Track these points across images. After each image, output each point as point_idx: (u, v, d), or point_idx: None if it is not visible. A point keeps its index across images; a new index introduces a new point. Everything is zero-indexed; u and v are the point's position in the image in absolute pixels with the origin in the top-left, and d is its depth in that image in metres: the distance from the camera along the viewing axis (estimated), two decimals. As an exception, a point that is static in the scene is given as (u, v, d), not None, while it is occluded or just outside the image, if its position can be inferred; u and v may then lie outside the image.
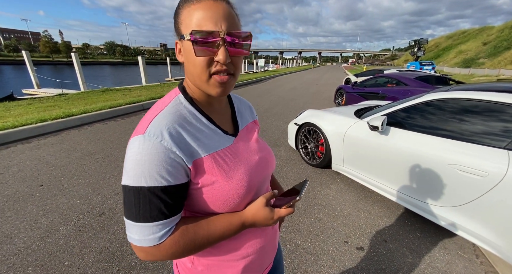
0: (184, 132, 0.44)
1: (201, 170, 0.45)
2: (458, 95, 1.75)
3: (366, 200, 2.26)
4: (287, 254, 1.60)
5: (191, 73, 0.46)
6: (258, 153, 0.58)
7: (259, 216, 0.49)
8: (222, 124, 0.54)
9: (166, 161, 0.41)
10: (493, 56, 28.30)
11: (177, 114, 0.46)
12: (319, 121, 2.79)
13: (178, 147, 0.42)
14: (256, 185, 0.53)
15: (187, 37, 0.41)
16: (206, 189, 0.46)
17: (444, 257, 1.60)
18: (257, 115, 0.70)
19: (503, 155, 1.41)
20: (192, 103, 0.49)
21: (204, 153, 0.46)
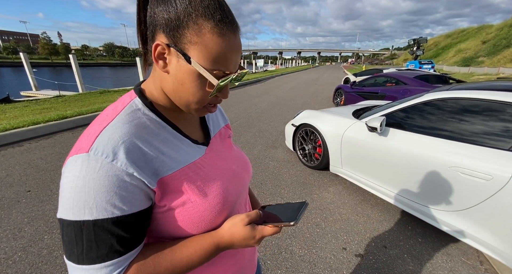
0: (144, 146, 0.37)
1: (169, 190, 0.38)
2: (459, 95, 1.68)
3: (365, 203, 2.19)
4: (282, 262, 1.53)
5: (177, 94, 0.40)
6: (233, 162, 0.51)
7: (237, 235, 0.41)
8: (191, 132, 0.47)
9: (120, 185, 0.33)
10: (492, 55, 28.26)
11: (133, 123, 0.37)
12: (316, 122, 2.72)
13: (136, 166, 0.34)
14: (233, 199, 0.46)
15: (196, 65, 0.36)
16: (176, 211, 0.39)
17: (447, 264, 1.52)
18: (228, 118, 0.63)
19: (507, 157, 1.34)
20: (152, 109, 0.41)
21: (172, 169, 0.39)
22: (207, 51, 0.36)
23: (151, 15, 0.36)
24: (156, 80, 0.41)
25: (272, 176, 2.71)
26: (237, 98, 8.32)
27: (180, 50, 0.36)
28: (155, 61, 0.38)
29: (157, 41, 0.36)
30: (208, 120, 0.54)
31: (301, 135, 3.01)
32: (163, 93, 0.42)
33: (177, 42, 0.36)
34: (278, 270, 1.47)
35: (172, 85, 0.39)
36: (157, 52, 0.36)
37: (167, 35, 0.36)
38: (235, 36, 0.37)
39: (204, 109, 0.42)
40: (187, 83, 0.38)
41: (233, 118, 5.42)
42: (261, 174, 2.76)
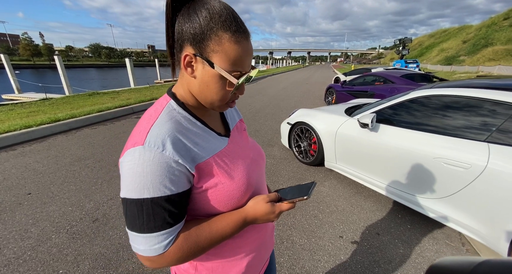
0: (184, 139, 0.45)
1: (204, 174, 0.47)
2: (441, 92, 1.85)
3: (359, 195, 2.33)
4: (284, 251, 1.64)
5: (203, 94, 0.48)
6: (251, 151, 0.61)
7: (260, 211, 0.51)
8: (215, 127, 0.56)
9: (169, 170, 0.41)
10: (472, 54, 29.61)
11: (173, 121, 0.46)
12: (311, 120, 2.84)
13: (180, 155, 0.43)
14: (254, 181, 0.55)
15: (219, 69, 0.44)
16: (210, 191, 0.48)
17: (433, 247, 1.68)
18: (241, 114, 0.73)
19: (483, 147, 1.49)
20: (184, 109, 0.49)
21: (205, 156, 0.47)
22: (226, 57, 0.44)
23: (179, 31, 0.44)
24: (184, 85, 0.49)
25: (270, 173, 2.81)
26: (230, 99, 8.36)
27: (205, 58, 0.44)
28: (184, 69, 0.46)
29: (185, 52, 0.44)
30: (226, 116, 0.63)
31: (297, 133, 3.12)
32: (191, 95, 0.50)
33: (202, 52, 0.44)
34: (281, 258, 1.58)
35: (199, 87, 0.47)
36: (186, 61, 0.45)
37: (193, 47, 0.44)
38: (248, 41, 0.45)
39: (225, 105, 0.51)
40: (211, 85, 0.46)
41: (228, 118, 5.48)
42: (259, 171, 2.85)
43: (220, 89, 0.47)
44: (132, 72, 11.10)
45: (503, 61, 23.24)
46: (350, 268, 1.50)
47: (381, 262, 1.54)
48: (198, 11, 0.43)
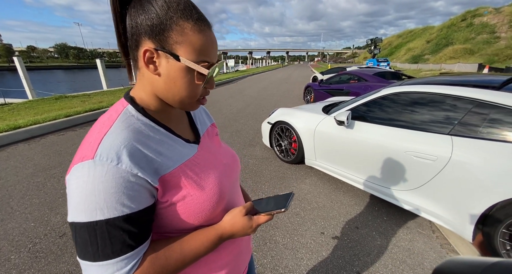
0: (144, 149, 0.40)
1: (170, 186, 0.42)
2: (409, 89, 1.95)
3: (338, 191, 2.39)
4: (267, 252, 1.62)
5: (171, 92, 0.43)
6: (224, 157, 0.57)
7: (237, 226, 0.48)
8: (182, 133, 0.51)
9: (127, 186, 0.36)
10: (435, 53, 32.13)
11: (130, 129, 0.40)
12: (290, 119, 2.87)
13: (139, 167, 0.38)
14: (228, 190, 0.52)
15: (186, 61, 0.41)
16: (178, 205, 0.43)
17: (407, 236, 1.77)
18: (213, 118, 0.69)
19: (447, 140, 1.60)
20: (145, 114, 0.44)
21: (170, 167, 0.42)
22: (192, 47, 0.40)
23: (133, 25, 0.39)
24: (146, 86, 0.44)
25: (252, 173, 2.79)
26: (211, 99, 8.23)
27: (169, 51, 0.40)
28: (146, 66, 0.41)
29: (144, 48, 0.40)
30: (196, 121, 0.58)
31: (277, 132, 3.14)
32: (153, 97, 0.45)
33: (164, 44, 0.40)
34: (264, 260, 1.56)
35: (165, 85, 0.43)
36: (146, 58, 0.40)
37: (153, 40, 0.40)
38: (211, 31, 0.43)
39: (197, 102, 0.47)
40: (179, 80, 0.42)
41: (208, 119, 5.37)
42: (242, 172, 2.82)
43: (189, 84, 0.43)
44: (104, 73, 10.45)
45: (462, 59, 25.51)
46: (332, 263, 1.53)
47: (361, 255, 1.59)
48: (152, 0, 0.39)
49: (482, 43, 27.20)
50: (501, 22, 28.28)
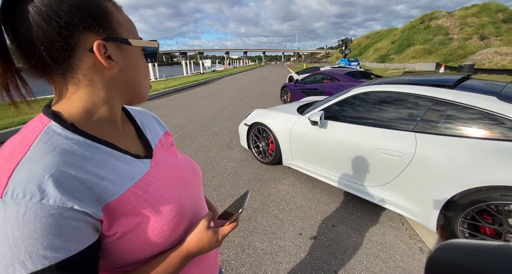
0: (79, 174, 0.32)
1: (118, 215, 0.35)
2: (376, 89, 2.04)
3: (315, 190, 2.43)
4: (246, 259, 1.58)
5: (135, 82, 0.41)
6: (182, 170, 0.51)
7: (203, 242, 0.43)
8: (129, 147, 0.43)
9: (59, 225, 0.28)
10: (399, 53, 34.68)
11: (57, 151, 0.31)
12: (266, 120, 2.86)
13: (75, 199, 0.30)
14: (189, 207, 0.46)
15: (135, 42, 0.39)
16: (130, 235, 0.36)
17: (379, 230, 1.84)
18: (166, 125, 0.62)
19: (411, 136, 1.69)
20: (76, 131, 0.35)
21: (116, 192, 0.35)
22: (128, 26, 0.39)
23: (53, 25, 0.31)
24: (90, 95, 0.37)
25: (230, 177, 2.73)
26: (187, 101, 7.98)
27: (119, 38, 0.37)
28: (107, 65, 0.35)
29: (94, 44, 0.33)
30: (145, 131, 0.50)
31: (254, 133, 3.11)
32: (93, 108, 0.38)
33: (111, 32, 0.36)
34: (243, 268, 1.52)
35: (126, 78, 0.39)
36: (103, 55, 0.35)
37: (97, 32, 0.34)
38: None
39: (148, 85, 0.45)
40: (139, 65, 0.41)
41: (185, 122, 5.19)
42: (219, 176, 2.75)
43: (145, 65, 0.42)
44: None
45: (422, 59, 27.86)
46: (310, 264, 1.53)
47: (337, 254, 1.62)
48: None
49: (438, 44, 29.95)
50: (453, 25, 31.40)
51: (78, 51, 0.34)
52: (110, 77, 0.37)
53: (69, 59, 0.33)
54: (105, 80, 0.37)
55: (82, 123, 0.37)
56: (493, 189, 1.30)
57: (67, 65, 0.34)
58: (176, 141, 3.95)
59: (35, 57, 0.32)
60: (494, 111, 1.43)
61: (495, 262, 0.22)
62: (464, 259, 0.24)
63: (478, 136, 1.46)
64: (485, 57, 20.89)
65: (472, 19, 29.78)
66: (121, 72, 0.38)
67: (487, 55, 20.96)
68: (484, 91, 1.61)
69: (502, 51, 20.58)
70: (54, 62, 0.33)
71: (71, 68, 0.34)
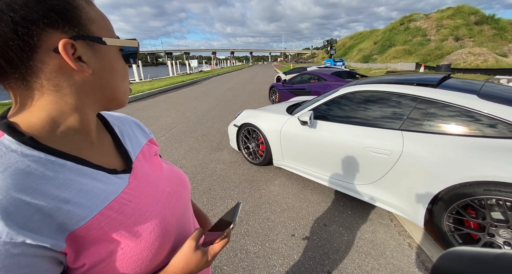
0: (35, 199, 0.27)
1: (86, 243, 0.31)
2: (362, 88, 2.07)
3: (306, 190, 2.43)
4: (238, 264, 1.54)
5: (112, 85, 0.36)
6: (167, 184, 0.46)
7: (190, 266, 0.38)
8: (104, 161, 0.38)
9: (6, 264, 0.24)
10: (381, 53, 35.97)
11: (8, 173, 0.27)
12: (256, 121, 2.83)
13: (27, 231, 0.26)
14: (174, 226, 0.41)
15: (111, 41, 0.34)
16: (102, 265, 0.32)
17: (369, 228, 1.87)
18: (151, 132, 0.56)
19: (398, 135, 1.73)
20: (36, 147, 0.30)
21: (84, 218, 0.30)
22: (101, 22, 0.34)
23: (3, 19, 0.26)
24: (60, 102, 0.32)
25: (220, 179, 2.68)
26: (173, 102, 7.79)
27: (90, 37, 0.32)
28: (76, 68, 0.30)
29: (60, 43, 0.28)
30: (124, 141, 0.45)
31: (244, 134, 3.07)
32: (60, 117, 0.32)
33: (80, 30, 0.31)
34: (236, 273, 1.48)
35: (100, 82, 0.35)
36: (74, 57, 0.30)
37: (62, 29, 0.29)
38: None
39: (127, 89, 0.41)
40: (116, 67, 0.36)
41: (171, 124, 5.05)
42: (209, 179, 2.68)
43: (123, 66, 0.38)
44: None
45: (403, 59, 29.05)
46: (304, 266, 1.52)
47: (330, 253, 1.62)
48: None
49: (417, 45, 31.37)
50: (430, 26, 33.02)
51: (39, 52, 0.29)
52: (81, 82, 0.33)
53: (28, 61, 0.28)
54: (75, 85, 0.32)
55: (45, 137, 0.32)
56: (477, 184, 1.35)
57: (25, 68, 0.29)
58: (163, 144, 3.83)
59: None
60: (475, 109, 1.49)
61: (496, 270, 0.22)
62: (467, 268, 0.24)
63: (461, 133, 1.51)
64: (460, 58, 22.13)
65: (447, 21, 31.48)
66: (94, 76, 0.33)
67: (462, 56, 22.23)
68: (465, 90, 1.67)
69: (475, 52, 21.90)
70: (9, 65, 0.28)
71: (32, 71, 0.29)
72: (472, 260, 0.25)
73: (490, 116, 1.44)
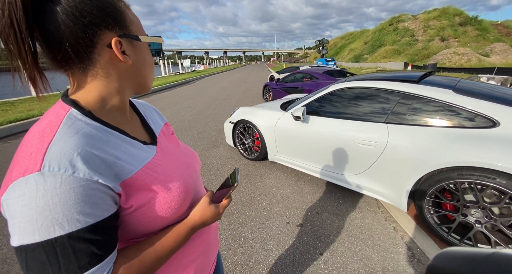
0: (100, 154, 0.37)
1: (133, 190, 0.40)
2: (351, 85, 2.21)
3: (300, 182, 2.56)
4: (237, 249, 1.65)
5: (143, 74, 0.47)
6: (184, 156, 0.57)
7: (207, 215, 0.49)
8: (137, 134, 0.49)
9: (88, 194, 0.33)
10: (372, 53, 36.76)
11: (80, 134, 0.36)
12: (251, 117, 2.93)
13: (99, 174, 0.35)
14: (192, 187, 0.52)
15: (144, 38, 0.44)
16: (143, 209, 0.42)
17: (359, 214, 2.01)
18: (165, 117, 0.67)
19: (384, 127, 1.87)
20: (94, 118, 0.40)
21: (131, 171, 0.40)
22: (137, 23, 0.45)
23: (77, 23, 0.36)
24: (108, 86, 0.42)
25: (217, 174, 2.77)
26: (167, 101, 7.79)
27: (131, 35, 0.42)
28: (123, 59, 0.41)
29: (110, 41, 0.39)
30: (148, 121, 0.56)
31: (240, 131, 3.17)
32: (108, 97, 0.43)
33: (125, 30, 0.41)
34: (235, 257, 1.58)
35: (137, 71, 0.45)
36: (119, 50, 0.40)
37: (113, 29, 0.39)
38: None
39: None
40: (147, 59, 0.46)
41: (166, 122, 5.08)
42: (206, 174, 2.77)
43: (151, 59, 0.48)
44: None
45: (392, 58, 29.78)
46: (298, 249, 1.64)
47: (322, 238, 1.74)
48: None
49: (405, 45, 32.23)
50: (418, 27, 33.98)
51: (98, 47, 0.39)
52: (123, 70, 0.43)
53: (91, 54, 0.39)
54: (119, 73, 0.43)
55: (98, 111, 0.42)
56: (452, 170, 1.50)
57: (88, 59, 0.39)
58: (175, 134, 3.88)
59: (61, 52, 0.37)
60: (450, 102, 1.64)
61: (488, 269, 0.23)
62: (460, 267, 0.26)
63: (438, 125, 1.66)
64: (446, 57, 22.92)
65: (434, 22, 32.47)
66: (133, 66, 0.44)
67: (447, 55, 23.02)
68: (442, 85, 1.83)
69: (459, 52, 22.73)
70: (77, 57, 0.38)
71: (92, 62, 0.39)
72: (465, 260, 0.26)
73: (464, 109, 1.60)
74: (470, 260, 0.25)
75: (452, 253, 0.28)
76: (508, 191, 1.33)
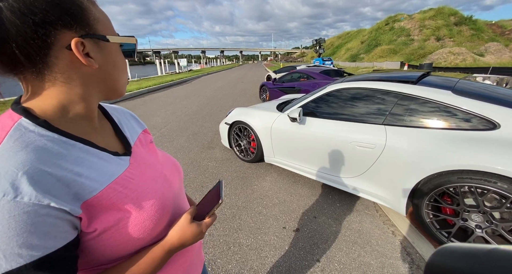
0: (55, 171, 0.31)
1: (98, 211, 0.35)
2: (348, 86, 2.16)
3: (297, 184, 2.51)
4: (232, 256, 1.59)
5: (113, 78, 0.41)
6: (163, 167, 0.51)
7: (186, 235, 0.43)
8: (107, 144, 0.43)
9: (35, 222, 0.28)
10: (368, 52, 36.90)
11: (30, 148, 0.31)
12: (247, 119, 2.87)
13: (51, 196, 0.30)
14: (171, 203, 0.46)
15: (113, 38, 0.38)
16: (110, 231, 0.36)
17: (356, 218, 1.96)
18: (144, 123, 0.61)
19: (382, 129, 1.83)
20: (50, 128, 0.34)
21: (95, 189, 0.35)
22: (104, 21, 0.39)
23: (28, 23, 0.30)
24: (67, 93, 0.36)
25: (212, 176, 2.70)
26: (163, 101, 7.69)
27: (96, 35, 0.36)
28: (86, 62, 0.35)
29: (70, 42, 0.33)
30: (123, 128, 0.50)
31: (236, 132, 3.11)
32: (69, 104, 0.37)
33: (89, 29, 0.35)
34: (229, 265, 1.52)
35: (105, 75, 0.39)
36: (81, 52, 0.34)
37: (74, 29, 0.33)
38: None
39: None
40: (117, 61, 0.40)
41: (162, 123, 5.00)
42: (201, 177, 2.71)
43: (123, 61, 0.42)
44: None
45: (388, 58, 29.94)
46: (294, 256, 1.59)
47: (319, 243, 1.69)
48: None
49: (402, 45, 32.41)
50: (413, 27, 34.18)
51: (54, 49, 0.33)
52: (88, 74, 0.37)
53: (45, 57, 0.33)
54: (83, 77, 0.37)
55: (57, 121, 0.36)
56: (451, 173, 1.46)
57: (42, 63, 0.33)
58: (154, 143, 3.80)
59: (6, 54, 0.31)
60: (450, 103, 1.60)
61: (488, 266, 0.23)
62: (459, 263, 0.25)
63: (438, 126, 1.62)
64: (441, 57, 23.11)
65: (429, 22, 32.71)
66: (99, 69, 0.38)
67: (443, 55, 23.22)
68: (441, 86, 1.79)
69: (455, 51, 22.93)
70: (28, 60, 0.32)
71: (47, 66, 0.33)
72: (464, 256, 0.25)
73: (463, 110, 1.56)
74: (470, 256, 0.25)
75: (451, 249, 0.27)
76: (509, 195, 1.29)
